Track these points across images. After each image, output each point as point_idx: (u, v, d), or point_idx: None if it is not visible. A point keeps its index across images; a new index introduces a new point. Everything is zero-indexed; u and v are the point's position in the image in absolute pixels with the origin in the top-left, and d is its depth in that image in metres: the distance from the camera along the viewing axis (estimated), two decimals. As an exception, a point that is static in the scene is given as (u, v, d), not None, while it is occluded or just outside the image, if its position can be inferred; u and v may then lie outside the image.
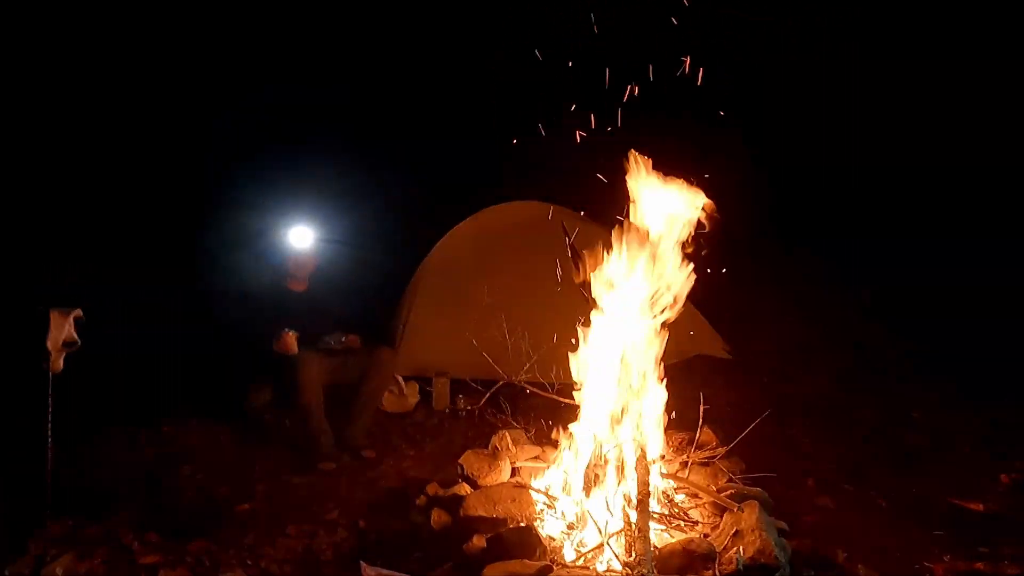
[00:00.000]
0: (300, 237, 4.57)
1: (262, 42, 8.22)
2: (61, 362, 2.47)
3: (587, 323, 3.13)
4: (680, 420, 3.55)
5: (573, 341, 3.21)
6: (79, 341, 2.52)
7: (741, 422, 3.63)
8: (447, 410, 5.06)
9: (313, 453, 4.11)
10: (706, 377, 5.26)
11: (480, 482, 3.18)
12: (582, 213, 5.33)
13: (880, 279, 7.15)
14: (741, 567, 2.55)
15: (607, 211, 3.39)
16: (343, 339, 4.43)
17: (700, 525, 2.92)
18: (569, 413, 3.38)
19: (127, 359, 4.94)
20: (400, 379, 5.02)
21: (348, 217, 5.84)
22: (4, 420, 3.66)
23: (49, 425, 2.57)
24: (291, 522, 3.41)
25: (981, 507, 3.54)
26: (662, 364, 3.10)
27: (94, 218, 6.68)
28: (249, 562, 3.03)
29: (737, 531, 2.73)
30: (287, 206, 5.03)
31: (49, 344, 2.37)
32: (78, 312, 2.48)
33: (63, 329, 2.40)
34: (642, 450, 2.83)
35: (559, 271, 3.80)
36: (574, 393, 3.26)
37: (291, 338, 4.23)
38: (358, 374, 4.37)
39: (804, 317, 6.78)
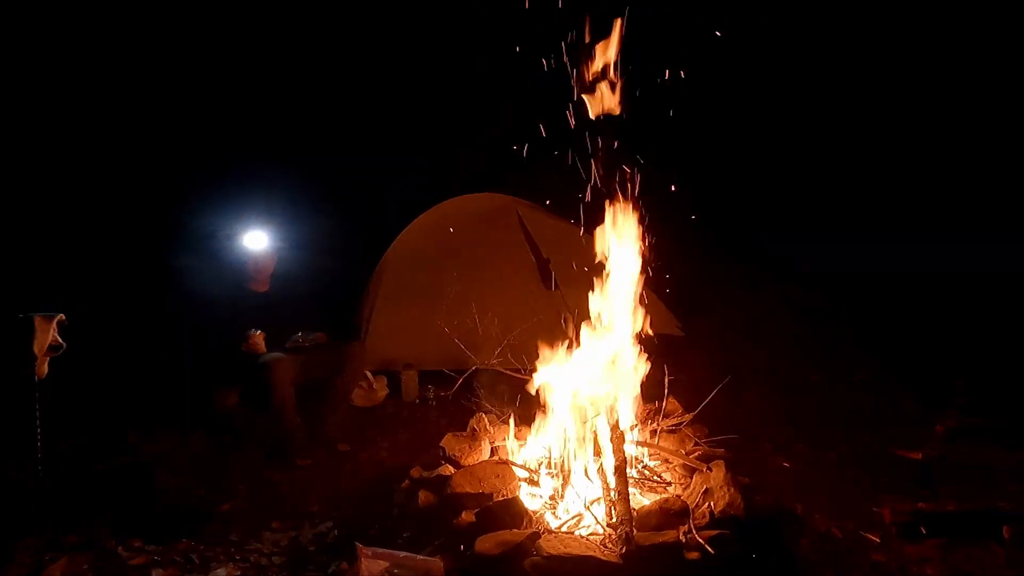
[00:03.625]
0: (256, 240, 4.59)
1: (221, 51, 8.09)
2: (46, 367, 2.46)
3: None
4: (644, 392, 3.75)
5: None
6: (64, 344, 2.52)
7: (700, 392, 3.86)
8: (417, 400, 5.14)
9: (289, 450, 4.14)
10: (662, 353, 5.50)
11: (462, 462, 3.30)
12: (547, 202, 5.49)
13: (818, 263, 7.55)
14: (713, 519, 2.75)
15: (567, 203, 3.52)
16: (311, 336, 4.47)
17: (673, 486, 3.11)
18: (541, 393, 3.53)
19: (85, 368, 4.83)
20: (368, 373, 5.08)
21: (301, 223, 5.86)
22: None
23: (38, 432, 2.55)
24: (274, 517, 3.46)
25: (920, 456, 3.86)
26: (636, 340, 3.27)
27: (56, 226, 6.48)
28: (238, 557, 3.07)
29: (707, 489, 2.93)
30: (242, 212, 5.03)
31: (35, 349, 2.36)
32: (61, 316, 2.47)
33: (48, 334, 2.40)
34: (616, 420, 2.99)
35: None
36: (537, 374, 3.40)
37: (259, 338, 4.25)
38: (327, 370, 4.41)
39: (748, 294, 7.14)
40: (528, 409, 3.69)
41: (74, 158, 7.09)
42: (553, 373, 3.23)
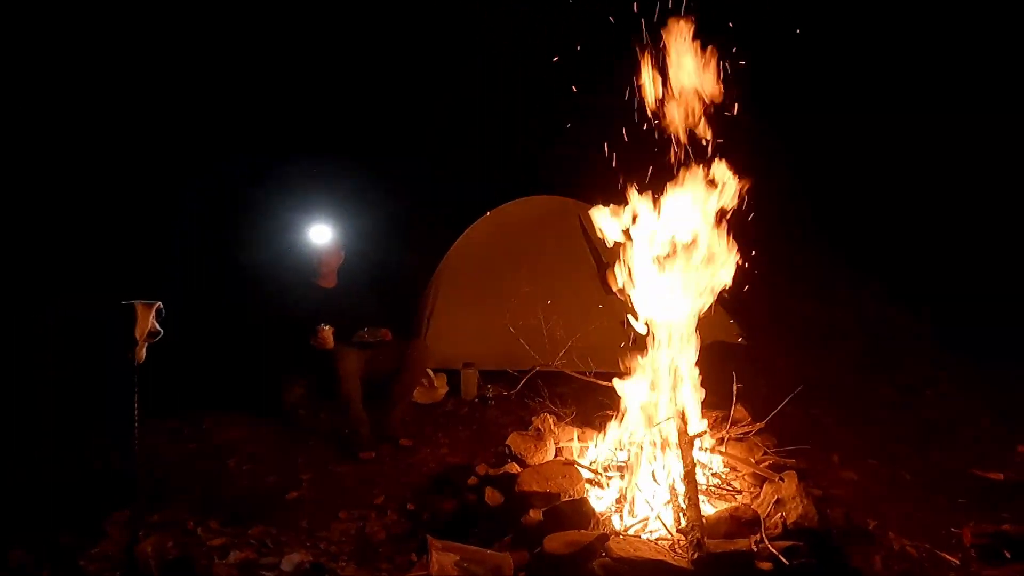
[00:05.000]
0: (321, 234, 4.72)
1: (279, 46, 8.35)
2: (144, 352, 2.60)
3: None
4: (709, 400, 3.70)
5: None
6: (161, 331, 2.65)
7: (765, 401, 3.78)
8: (476, 399, 5.19)
9: (353, 443, 4.24)
10: (724, 362, 5.41)
11: (528, 461, 3.32)
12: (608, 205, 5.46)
13: (892, 269, 7.28)
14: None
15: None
16: (376, 332, 4.57)
17: (743, 495, 3.07)
18: (606, 396, 3.53)
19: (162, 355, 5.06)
20: (429, 371, 5.15)
21: (365, 218, 6.00)
22: (92, 409, 3.79)
23: (136, 415, 2.69)
24: (341, 507, 3.54)
25: (1001, 476, 3.69)
26: (698, 349, 3.24)
27: (124, 217, 6.80)
28: (309, 544, 3.16)
29: (778, 499, 2.88)
30: (307, 208, 5.18)
31: (136, 334, 2.50)
32: (159, 304, 2.60)
33: (147, 321, 2.53)
34: (685, 425, 2.97)
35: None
36: (615, 380, 3.39)
37: (328, 332, 4.36)
38: (391, 366, 4.51)
39: (815, 304, 6.95)
40: (591, 411, 3.71)
41: (148, 152, 7.40)
42: (629, 377, 3.22)
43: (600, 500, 3.08)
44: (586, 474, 3.18)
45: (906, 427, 4.48)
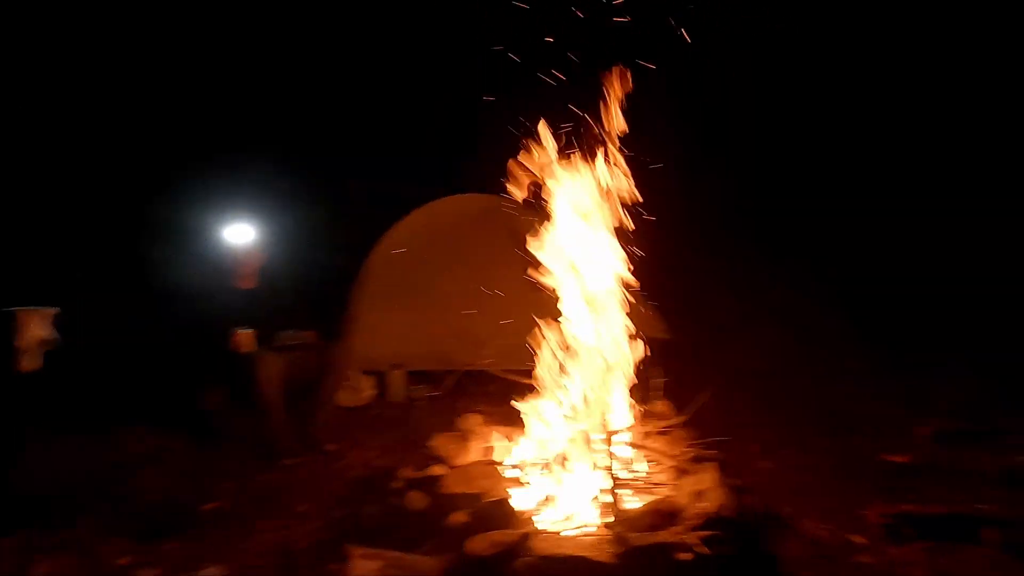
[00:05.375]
0: (240, 234, 4.55)
1: (198, 46, 7.99)
2: (38, 360, 2.41)
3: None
4: (635, 394, 3.77)
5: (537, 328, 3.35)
6: (59, 338, 2.47)
7: (689, 395, 3.89)
8: (403, 400, 5.11)
9: (275, 450, 4.10)
10: (653, 356, 5.53)
11: (453, 463, 3.29)
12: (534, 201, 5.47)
13: (809, 261, 7.59)
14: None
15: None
16: (299, 335, 4.43)
17: (665, 487, 3.12)
18: (532, 394, 3.53)
19: (68, 365, 4.76)
20: (356, 373, 5.04)
21: (288, 217, 5.81)
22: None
23: (24, 427, 2.49)
24: (262, 518, 3.42)
25: (906, 459, 3.91)
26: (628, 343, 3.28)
27: (34, 224, 6.36)
28: (226, 558, 3.03)
29: (699, 491, 2.94)
30: (227, 206, 4.98)
31: (20, 343, 2.31)
32: (54, 311, 2.43)
33: (36, 327, 2.35)
34: (608, 422, 3.00)
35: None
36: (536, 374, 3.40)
37: (247, 336, 4.20)
38: (315, 369, 4.39)
39: (736, 297, 7.19)
40: (518, 410, 3.69)
41: (48, 152, 6.96)
42: (546, 375, 3.23)
43: (526, 499, 3.08)
44: (511, 473, 3.17)
45: (820, 415, 4.69)
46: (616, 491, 2.74)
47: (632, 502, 2.98)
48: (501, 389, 4.61)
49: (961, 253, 6.82)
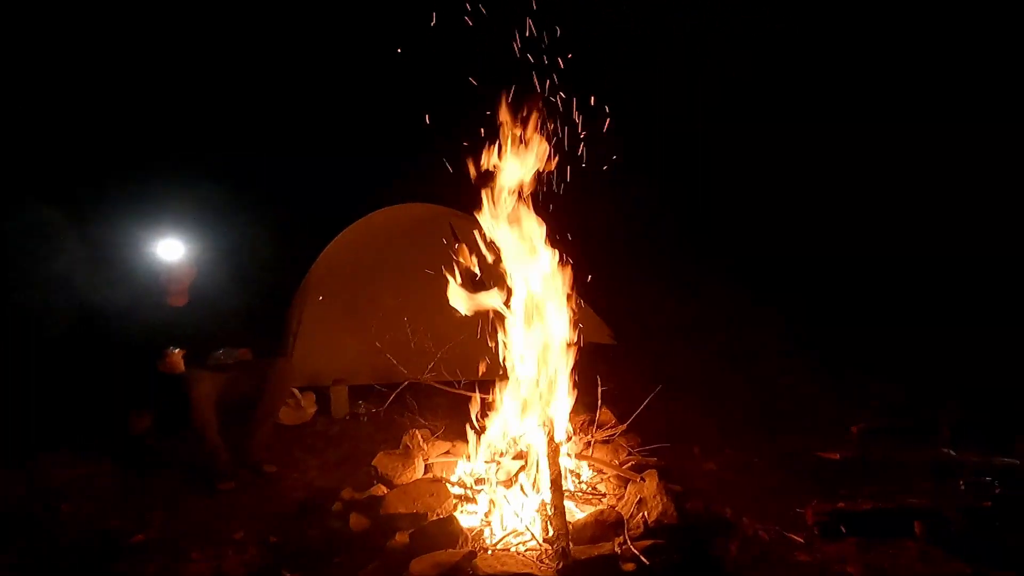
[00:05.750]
0: (170, 249, 4.37)
1: (122, 49, 7.65)
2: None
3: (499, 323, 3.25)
4: (578, 403, 3.78)
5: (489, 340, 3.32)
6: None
7: (632, 400, 3.92)
8: (347, 417, 5.00)
9: (210, 474, 3.93)
10: (595, 363, 5.57)
11: (395, 481, 3.22)
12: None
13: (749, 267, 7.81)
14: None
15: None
16: (234, 353, 4.27)
17: (608, 497, 3.13)
18: (477, 407, 3.49)
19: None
20: (295, 390, 4.90)
21: (221, 231, 5.61)
22: None
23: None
24: (194, 547, 3.27)
25: (839, 456, 4.03)
26: (570, 353, 3.28)
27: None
28: (154, 592, 2.89)
29: (641, 499, 2.96)
30: (156, 221, 4.78)
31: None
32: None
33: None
34: (551, 434, 2.99)
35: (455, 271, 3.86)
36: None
37: (177, 356, 4.02)
38: (252, 388, 4.23)
39: (679, 303, 7.33)
40: (463, 424, 3.65)
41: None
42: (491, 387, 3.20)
43: (471, 516, 3.03)
44: (455, 490, 3.12)
45: (760, 416, 4.80)
46: (559, 504, 2.72)
47: (576, 514, 2.98)
48: (446, 403, 4.57)
49: (889, 261, 7.14)
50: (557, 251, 3.25)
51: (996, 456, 3.76)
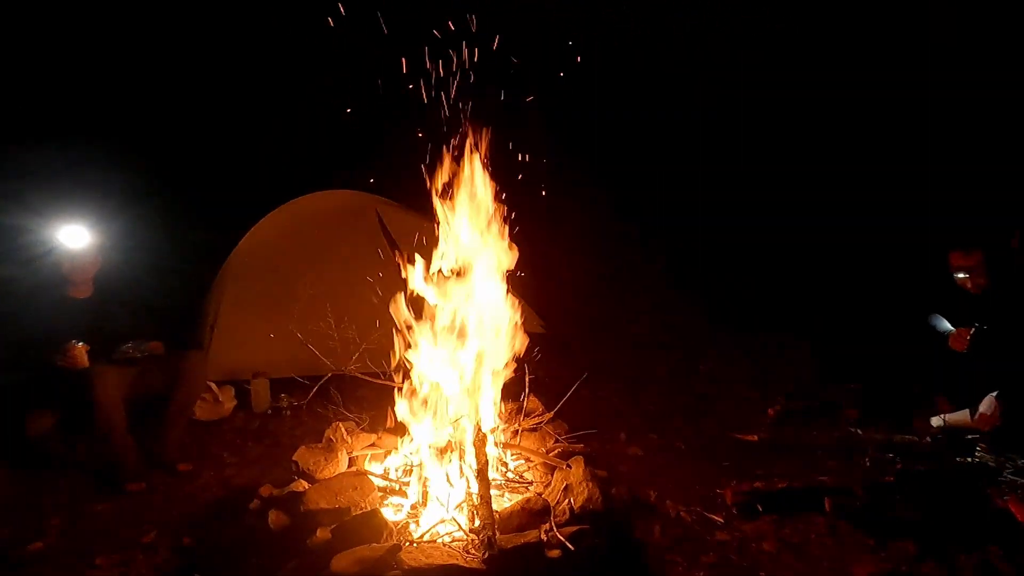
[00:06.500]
0: (74, 237, 4.07)
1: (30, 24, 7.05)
2: None
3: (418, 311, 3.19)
4: (506, 391, 3.78)
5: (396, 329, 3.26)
6: None
7: (560, 388, 3.95)
8: (269, 411, 4.82)
9: (118, 474, 3.71)
10: (524, 350, 5.60)
11: (317, 476, 3.11)
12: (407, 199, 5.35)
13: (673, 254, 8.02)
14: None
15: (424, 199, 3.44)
16: (144, 346, 4.03)
17: (535, 485, 3.14)
18: (401, 397, 3.42)
19: None
20: (213, 384, 4.69)
21: (126, 218, 5.28)
22: None
23: None
24: (99, 553, 3.08)
25: (755, 438, 4.20)
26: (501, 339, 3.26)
27: None
28: (54, 604, 2.70)
29: (567, 485, 2.98)
30: (55, 206, 4.44)
31: None
32: None
33: None
34: (477, 424, 2.96)
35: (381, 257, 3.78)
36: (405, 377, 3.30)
37: (80, 351, 3.77)
38: (164, 383, 4.01)
39: (604, 291, 7.46)
40: (388, 415, 3.58)
41: None
42: (415, 374, 3.14)
43: (398, 510, 2.98)
44: (379, 483, 3.05)
45: (682, 399, 4.94)
46: (486, 493, 2.70)
47: (502, 503, 2.97)
48: (371, 395, 4.47)
49: (801, 254, 7.48)
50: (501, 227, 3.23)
51: (896, 434, 4.01)
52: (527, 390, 3.65)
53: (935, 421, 3.98)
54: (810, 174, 8.27)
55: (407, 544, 2.64)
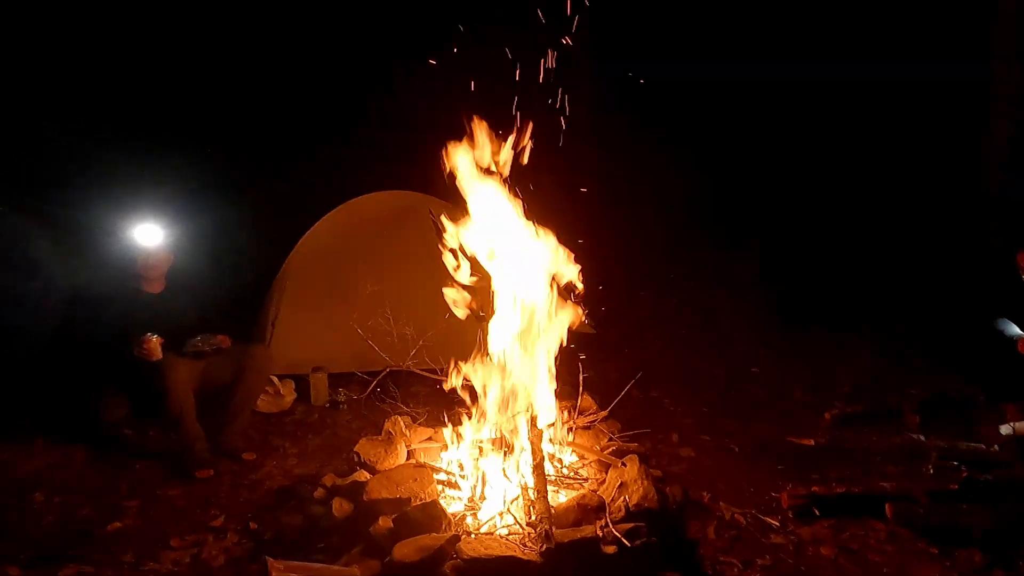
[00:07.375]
0: (148, 235, 4.28)
1: (99, 29, 7.44)
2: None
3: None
4: (560, 390, 3.81)
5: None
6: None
7: (612, 387, 3.97)
8: (327, 404, 4.97)
9: (188, 461, 3.89)
10: (576, 350, 5.62)
11: (378, 467, 3.21)
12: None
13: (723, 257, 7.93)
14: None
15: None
16: (211, 340, 4.22)
17: (589, 482, 3.17)
18: (458, 393, 3.50)
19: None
20: (274, 378, 4.86)
21: (200, 216, 5.51)
22: None
23: None
24: (173, 534, 3.24)
25: (811, 442, 4.14)
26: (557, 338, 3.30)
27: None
28: (134, 579, 2.86)
29: (622, 483, 3.01)
30: (132, 204, 4.68)
31: None
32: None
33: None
34: (533, 419, 3.02)
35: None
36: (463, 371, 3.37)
37: (154, 343, 3.96)
38: (230, 375, 4.19)
39: (656, 292, 7.42)
40: (445, 410, 3.67)
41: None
42: (471, 372, 3.21)
43: (455, 501, 3.05)
44: (439, 475, 3.14)
45: (734, 402, 4.89)
46: (542, 488, 2.75)
47: (557, 499, 3.01)
48: (427, 390, 4.57)
49: (867, 254, 7.29)
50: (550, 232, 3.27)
51: (961, 441, 3.89)
52: (581, 388, 3.69)
53: (1004, 429, 3.85)
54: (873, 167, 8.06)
55: (465, 535, 2.71)
